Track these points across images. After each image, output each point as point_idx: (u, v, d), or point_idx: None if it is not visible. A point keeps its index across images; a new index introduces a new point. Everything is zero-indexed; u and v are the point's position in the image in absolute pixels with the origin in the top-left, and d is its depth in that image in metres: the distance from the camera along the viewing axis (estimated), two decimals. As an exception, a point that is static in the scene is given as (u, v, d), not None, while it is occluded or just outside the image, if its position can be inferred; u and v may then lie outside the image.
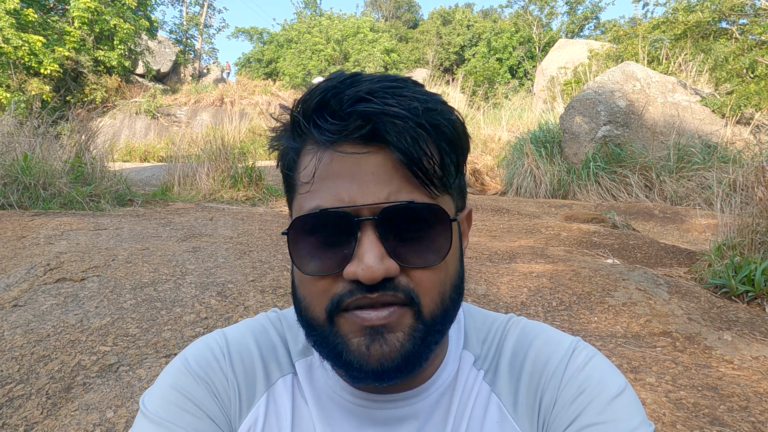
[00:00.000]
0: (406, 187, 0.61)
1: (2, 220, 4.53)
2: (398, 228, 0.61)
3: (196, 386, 0.73)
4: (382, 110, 0.59)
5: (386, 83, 0.62)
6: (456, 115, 0.67)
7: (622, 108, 9.42)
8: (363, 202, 0.60)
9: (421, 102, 0.61)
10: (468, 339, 0.80)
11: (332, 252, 0.62)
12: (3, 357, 2.56)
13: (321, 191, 0.63)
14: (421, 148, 0.61)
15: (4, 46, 17.08)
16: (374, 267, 0.59)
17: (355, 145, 0.61)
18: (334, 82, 0.63)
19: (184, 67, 27.41)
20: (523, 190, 10.12)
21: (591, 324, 3.13)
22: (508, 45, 30.38)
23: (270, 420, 0.74)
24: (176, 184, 8.25)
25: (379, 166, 0.61)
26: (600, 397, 0.68)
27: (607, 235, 5.49)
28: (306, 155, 0.65)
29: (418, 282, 0.63)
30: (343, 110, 0.60)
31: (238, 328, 0.81)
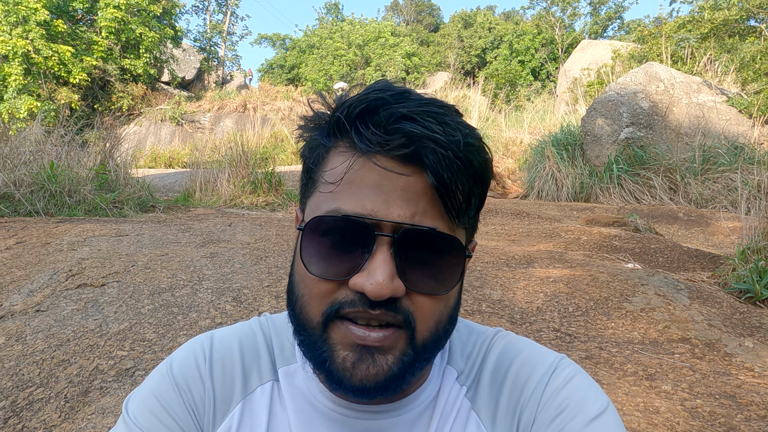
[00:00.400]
0: (431, 212, 0.62)
1: (28, 226, 4.66)
2: (414, 251, 0.62)
3: (174, 396, 0.74)
4: (427, 135, 0.60)
5: (433, 108, 0.63)
6: (489, 155, 0.68)
7: (645, 109, 9.27)
8: (386, 218, 0.60)
9: (463, 135, 0.63)
10: (452, 354, 0.79)
11: (342, 258, 0.62)
12: (25, 361, 2.63)
13: (344, 195, 0.63)
14: (455, 177, 0.62)
15: (35, 57, 17.56)
16: (384, 284, 0.59)
17: (392, 160, 0.62)
18: (383, 93, 0.63)
19: (207, 74, 27.83)
20: (545, 193, 10.02)
21: (608, 330, 3.08)
22: (530, 47, 30.15)
23: (243, 429, 0.74)
24: (198, 190, 8.38)
25: (410, 185, 0.61)
26: (579, 417, 0.68)
27: (628, 239, 5.41)
28: (337, 155, 0.65)
29: (418, 307, 0.63)
30: (388, 124, 0.61)
31: (226, 332, 0.82)
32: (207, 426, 0.74)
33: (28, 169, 5.86)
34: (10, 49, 16.97)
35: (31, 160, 6.16)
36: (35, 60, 17.61)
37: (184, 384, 0.74)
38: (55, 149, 6.67)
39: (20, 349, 2.73)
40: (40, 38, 17.53)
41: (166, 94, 23.98)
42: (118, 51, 21.05)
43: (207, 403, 0.74)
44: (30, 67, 17.79)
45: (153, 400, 0.73)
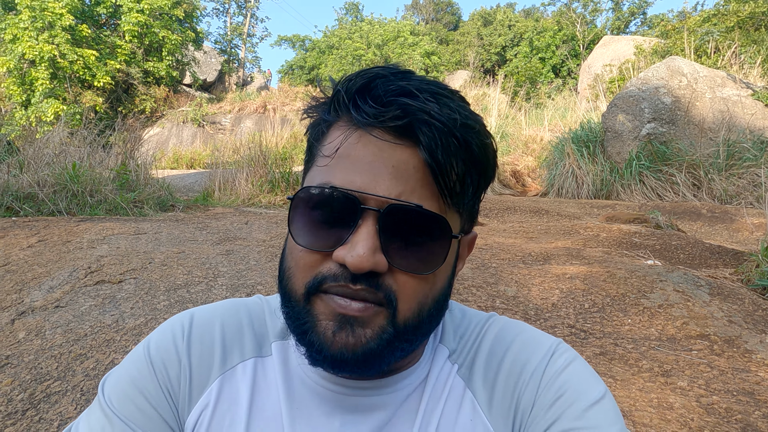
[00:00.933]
0: (421, 191, 0.62)
1: (50, 225, 4.76)
2: (399, 228, 0.61)
3: (149, 376, 0.73)
4: (423, 109, 0.60)
5: (435, 88, 0.64)
6: (491, 141, 0.67)
7: (668, 104, 9.10)
8: (373, 192, 0.60)
9: (462, 116, 0.62)
10: (445, 333, 0.79)
11: (329, 231, 0.62)
12: (44, 355, 2.68)
13: (337, 169, 0.63)
14: (449, 157, 0.61)
15: (60, 61, 17.96)
16: (365, 257, 0.59)
17: (387, 133, 0.62)
18: (386, 71, 0.64)
19: (228, 76, 28.14)
20: (565, 191, 9.91)
21: (624, 326, 3.03)
22: (551, 44, 29.82)
23: (221, 406, 0.73)
24: (217, 190, 8.47)
25: (402, 162, 0.61)
26: (578, 402, 0.67)
27: (648, 235, 5.31)
28: (335, 130, 0.66)
29: (401, 286, 0.62)
30: (385, 97, 0.61)
31: (208, 309, 0.81)
32: (183, 404, 0.73)
33: (52, 170, 5.99)
34: (37, 54, 17.37)
35: (54, 162, 6.30)
36: (61, 64, 18.01)
37: (160, 363, 0.73)
38: (77, 151, 6.81)
39: (39, 343, 2.79)
40: (65, 43, 17.92)
41: (188, 96, 24.31)
42: (141, 54, 21.41)
43: (183, 381, 0.73)
44: (56, 72, 18.20)
45: (127, 381, 0.72)
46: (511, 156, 13.22)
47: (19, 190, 5.69)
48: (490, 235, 5.59)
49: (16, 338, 2.85)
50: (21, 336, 2.87)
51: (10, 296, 3.30)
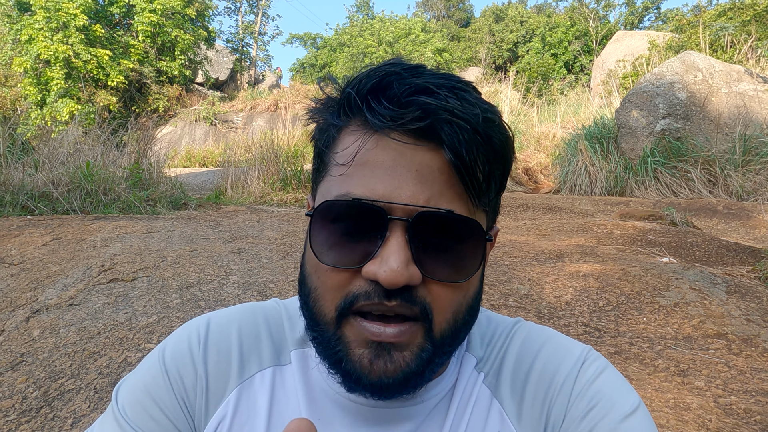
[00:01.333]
0: (448, 194, 0.58)
1: (65, 224, 4.80)
2: (430, 236, 0.58)
3: (164, 385, 0.70)
4: (444, 107, 0.57)
5: (451, 82, 0.60)
6: (509, 133, 0.64)
7: (683, 100, 8.98)
8: (399, 201, 0.57)
9: (482, 110, 0.59)
10: (471, 342, 0.76)
11: (355, 245, 0.59)
12: (58, 353, 2.70)
13: (356, 177, 0.59)
14: (475, 155, 0.58)
15: (75, 61, 18.11)
16: (398, 271, 0.55)
17: (406, 136, 0.58)
18: (396, 68, 0.60)
19: (240, 75, 28.25)
20: (578, 187, 9.82)
21: (639, 325, 2.99)
22: (564, 40, 29.58)
23: (240, 417, 0.70)
24: (229, 188, 8.50)
25: (425, 165, 0.58)
26: (612, 413, 0.64)
27: (663, 232, 5.25)
28: (348, 135, 0.62)
29: (435, 297, 0.59)
30: (402, 97, 0.57)
31: (225, 314, 0.78)
32: (199, 415, 0.70)
33: (66, 169, 6.05)
34: (52, 54, 17.53)
35: (68, 161, 6.36)
36: (75, 64, 18.16)
37: (175, 372, 0.71)
38: (91, 150, 6.87)
39: (53, 341, 2.81)
40: (79, 43, 18.06)
41: (201, 94, 24.44)
42: (154, 54, 21.54)
43: (199, 391, 0.70)
44: (70, 71, 18.35)
45: (142, 390, 0.70)
46: (524, 153, 13.14)
47: (34, 189, 5.75)
48: (502, 233, 5.56)
49: (30, 336, 2.88)
50: (35, 334, 2.89)
51: (25, 294, 3.33)
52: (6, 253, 4.02)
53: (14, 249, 4.10)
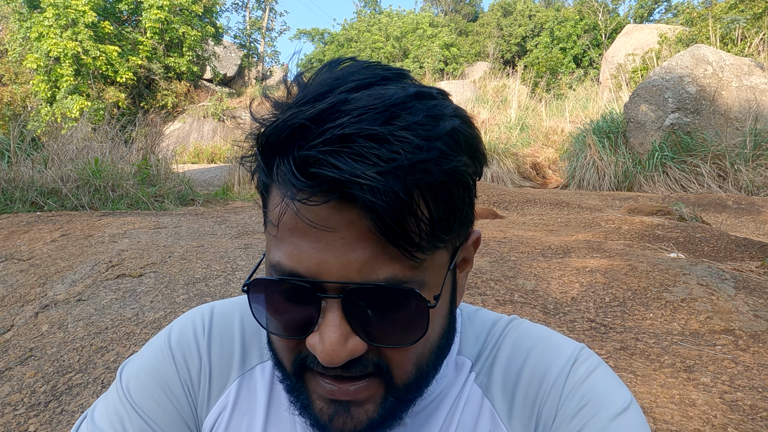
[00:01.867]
0: (382, 258, 0.52)
1: (73, 220, 4.84)
2: (367, 308, 0.54)
3: (170, 369, 0.71)
4: (354, 174, 0.48)
5: (371, 120, 0.50)
6: (464, 148, 0.55)
7: (692, 94, 8.90)
8: (327, 278, 0.52)
9: (411, 150, 0.49)
10: (463, 343, 0.75)
11: (295, 315, 0.56)
12: (66, 348, 2.73)
13: (285, 245, 0.54)
14: (403, 209, 0.50)
15: (84, 58, 18.20)
16: (335, 351, 0.52)
17: (323, 208, 0.51)
18: (305, 112, 0.51)
19: (248, 71, 28.28)
20: (586, 182, 9.77)
21: (645, 321, 2.98)
22: (572, 34, 29.36)
23: (240, 408, 0.71)
24: (236, 184, 8.54)
25: (352, 231, 0.51)
26: (602, 412, 0.63)
27: (672, 228, 5.21)
28: (275, 195, 0.55)
29: (389, 357, 0.57)
30: (308, 167, 0.49)
31: (228, 304, 0.78)
32: (201, 404, 0.71)
33: (75, 165, 6.09)
34: (62, 51, 17.63)
35: (77, 157, 6.40)
36: (84, 61, 18.25)
37: (181, 358, 0.71)
38: (100, 146, 6.91)
39: (62, 336, 2.84)
40: (88, 40, 18.14)
41: (208, 91, 24.50)
42: (162, 50, 21.60)
43: (203, 380, 0.71)
44: (80, 68, 18.45)
45: (148, 372, 0.70)
46: (531, 148, 13.08)
47: (43, 186, 5.80)
48: (509, 228, 5.54)
49: (39, 331, 2.91)
50: (44, 329, 2.92)
51: (33, 290, 3.36)
52: (15, 249, 4.06)
53: (23, 245, 4.14)
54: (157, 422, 0.68)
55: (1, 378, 2.51)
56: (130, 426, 0.66)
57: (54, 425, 2.19)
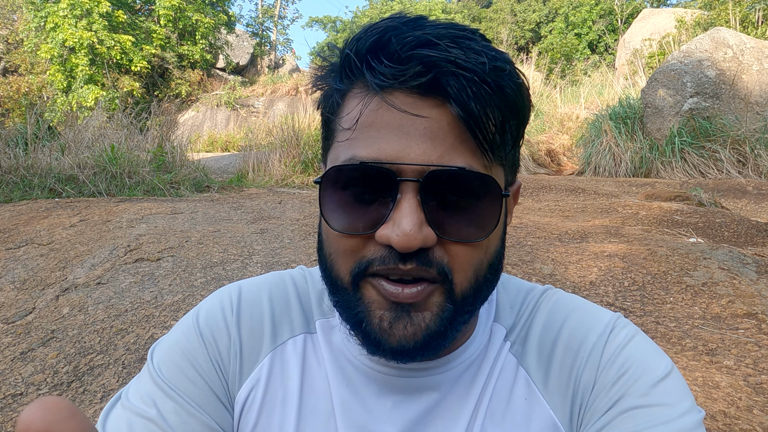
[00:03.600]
0: (460, 149, 0.55)
1: (91, 206, 4.88)
2: (444, 195, 0.56)
3: (199, 347, 0.71)
4: (446, 58, 0.53)
5: (454, 31, 0.56)
6: (523, 80, 0.60)
7: (711, 78, 8.73)
8: (409, 161, 0.54)
9: (490, 58, 0.55)
10: (499, 311, 0.74)
11: (366, 210, 0.57)
12: (87, 330, 2.76)
13: (362, 140, 0.57)
14: (485, 107, 0.54)
15: (99, 47, 18.30)
16: (412, 234, 0.53)
17: (411, 95, 0.55)
18: (395, 21, 0.57)
19: (260, 59, 28.26)
20: (602, 169, 9.65)
21: (666, 305, 2.94)
22: (588, 19, 28.92)
23: (274, 382, 0.71)
24: (251, 171, 8.56)
25: (433, 122, 0.55)
26: (644, 378, 0.63)
27: (690, 213, 5.14)
28: (352, 99, 0.60)
29: (453, 257, 0.57)
30: (402, 52, 0.54)
31: (255, 282, 0.78)
32: (233, 379, 0.71)
33: (91, 153, 6.14)
34: (77, 41, 17.73)
35: (93, 145, 6.46)
36: (99, 50, 18.35)
37: (210, 335, 0.72)
38: (116, 134, 6.96)
39: (82, 318, 2.87)
40: (103, 29, 18.23)
41: (221, 79, 24.54)
42: (176, 39, 21.65)
43: (233, 356, 0.71)
44: (94, 58, 18.56)
45: (178, 351, 0.71)
46: (546, 134, 12.95)
47: (61, 173, 5.85)
48: (524, 214, 5.50)
49: (60, 314, 2.94)
50: (65, 311, 2.96)
51: (54, 273, 3.40)
52: (36, 234, 4.11)
53: (43, 230, 4.19)
54: (190, 398, 0.68)
55: (24, 359, 2.55)
56: (162, 404, 0.66)
57: (77, 405, 2.22)
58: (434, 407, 0.68)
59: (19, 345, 2.67)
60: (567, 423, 0.66)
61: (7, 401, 2.25)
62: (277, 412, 0.70)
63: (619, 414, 0.61)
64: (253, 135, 11.63)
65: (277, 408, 0.70)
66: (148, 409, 0.65)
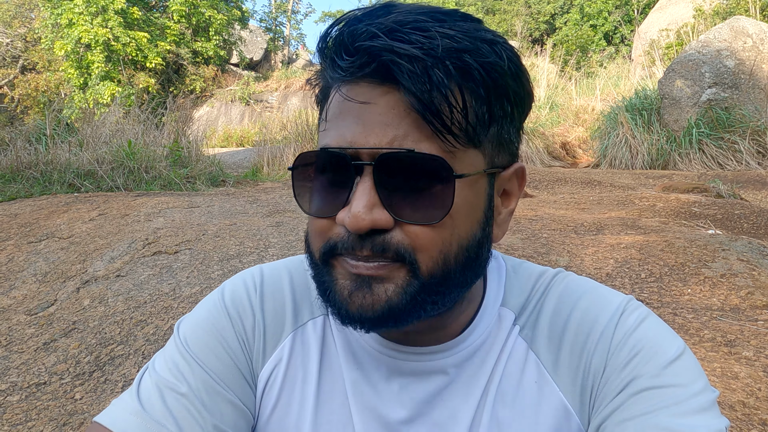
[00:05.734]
0: (414, 134, 0.56)
1: (109, 200, 4.95)
2: (397, 178, 0.57)
3: (227, 324, 0.73)
4: (391, 47, 0.54)
5: (418, 16, 0.56)
6: (501, 59, 0.58)
7: (730, 68, 8.59)
8: (363, 145, 0.56)
9: (451, 39, 0.55)
10: (507, 295, 0.74)
11: (332, 194, 0.60)
12: (107, 321, 2.81)
13: (331, 130, 0.60)
14: (438, 91, 0.54)
15: (114, 44, 18.47)
16: (360, 215, 0.55)
17: (369, 85, 0.57)
18: (359, 11, 0.59)
19: (274, 54, 28.33)
20: (618, 161, 9.56)
21: (683, 296, 2.92)
22: (603, 10, 28.55)
23: (295, 361, 0.73)
24: (265, 165, 8.61)
25: (389, 108, 0.56)
26: (656, 359, 0.62)
27: (709, 204, 5.08)
28: (332, 92, 0.62)
29: (413, 239, 0.58)
30: (351, 45, 0.56)
31: (276, 266, 0.81)
32: (257, 358, 0.73)
33: (109, 148, 6.22)
34: (93, 38, 17.90)
35: (111, 140, 6.54)
36: (115, 47, 18.52)
37: (236, 314, 0.74)
38: (132, 129, 7.04)
39: (103, 310, 2.92)
40: (118, 26, 18.38)
41: (236, 75, 24.64)
42: (190, 35, 21.77)
43: (257, 335, 0.74)
44: (110, 54, 18.73)
45: (205, 326, 0.73)
46: (561, 127, 12.85)
47: (79, 168, 5.94)
48: (540, 207, 5.47)
49: (81, 305, 3.00)
50: (86, 303, 3.01)
51: (74, 266, 3.46)
52: (56, 228, 4.18)
53: (63, 224, 4.26)
54: (216, 372, 0.70)
55: (47, 349, 2.61)
56: (191, 376, 0.68)
57: (98, 393, 2.27)
58: (443, 390, 0.69)
59: (42, 336, 2.73)
60: (578, 406, 0.67)
61: (31, 390, 2.30)
62: (297, 391, 0.72)
63: (631, 396, 0.61)
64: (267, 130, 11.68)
65: (298, 387, 0.72)
66: (179, 384, 0.68)
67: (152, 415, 0.65)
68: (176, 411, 0.66)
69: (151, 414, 0.65)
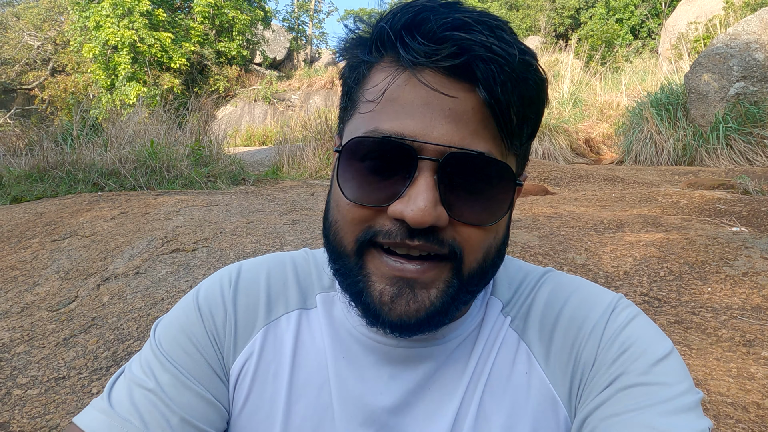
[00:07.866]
0: (482, 135, 0.57)
1: (131, 199, 5.05)
2: (460, 177, 0.57)
3: (197, 322, 0.75)
4: (482, 43, 0.54)
5: (488, 19, 0.57)
6: (544, 76, 0.61)
7: (760, 61, 8.36)
8: (430, 140, 0.56)
9: (519, 50, 0.57)
10: (497, 286, 0.75)
11: (382, 183, 0.58)
12: (125, 317, 2.86)
13: (385, 114, 0.58)
14: (509, 95, 0.56)
15: (140, 46, 18.80)
16: (426, 211, 0.55)
17: (440, 75, 0.56)
18: (433, 2, 0.58)
19: (297, 54, 28.51)
20: (643, 157, 9.38)
21: (703, 295, 2.85)
22: (630, 3, 28.02)
23: (266, 356, 0.74)
24: (286, 164, 8.68)
25: (459, 104, 0.56)
26: (644, 357, 0.63)
27: (735, 201, 4.95)
28: (379, 72, 0.61)
29: (465, 238, 0.59)
30: (438, 32, 0.55)
31: (256, 261, 0.82)
32: (228, 352, 0.74)
33: (132, 148, 6.34)
34: (119, 39, 18.26)
35: (134, 140, 6.66)
36: (140, 48, 18.85)
37: (208, 311, 0.75)
38: (155, 129, 7.16)
39: (121, 306, 2.98)
40: (143, 28, 18.71)
41: (259, 74, 24.86)
42: (213, 35, 22.04)
43: (228, 330, 0.74)
44: (136, 56, 19.08)
45: (177, 326, 0.75)
46: (585, 123, 12.65)
47: (104, 167, 6.07)
48: (559, 204, 5.41)
49: (101, 302, 3.06)
50: (105, 300, 3.07)
51: (95, 264, 3.54)
52: (79, 227, 4.27)
53: (86, 222, 4.36)
54: (185, 368, 0.71)
55: (67, 344, 2.67)
56: (160, 371, 0.70)
57: (115, 388, 2.31)
58: (430, 377, 0.70)
59: (62, 331, 2.79)
60: (566, 398, 0.67)
61: (50, 384, 2.36)
62: (269, 385, 0.73)
63: (618, 391, 0.62)
64: (288, 129, 11.77)
65: (269, 381, 0.73)
66: (147, 380, 0.69)
67: (118, 412, 0.67)
68: (141, 406, 0.67)
69: (117, 411, 0.67)
